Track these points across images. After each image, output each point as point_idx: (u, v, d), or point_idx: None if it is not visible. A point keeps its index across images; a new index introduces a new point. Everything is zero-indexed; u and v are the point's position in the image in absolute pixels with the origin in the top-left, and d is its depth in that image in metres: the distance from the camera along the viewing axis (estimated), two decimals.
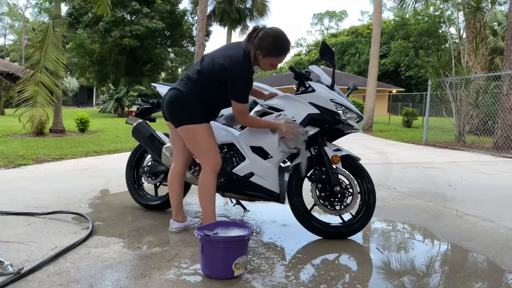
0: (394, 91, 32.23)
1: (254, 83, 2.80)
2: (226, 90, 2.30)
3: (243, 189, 2.64)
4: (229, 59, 2.26)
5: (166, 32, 23.67)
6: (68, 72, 28.72)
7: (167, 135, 2.94)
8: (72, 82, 36.35)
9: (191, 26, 24.92)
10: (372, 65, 14.39)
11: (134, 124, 3.09)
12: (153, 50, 23.98)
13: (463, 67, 10.33)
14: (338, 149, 2.63)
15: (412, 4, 14.01)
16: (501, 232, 2.86)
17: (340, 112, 2.52)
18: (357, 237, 2.65)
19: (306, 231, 2.61)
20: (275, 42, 2.25)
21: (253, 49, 2.25)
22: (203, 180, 2.43)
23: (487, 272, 2.18)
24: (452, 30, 25.88)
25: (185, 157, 2.61)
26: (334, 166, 2.59)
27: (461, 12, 12.50)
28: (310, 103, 2.52)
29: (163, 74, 28.93)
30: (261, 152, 2.58)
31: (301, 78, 2.61)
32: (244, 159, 2.61)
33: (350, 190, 2.62)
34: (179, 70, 29.95)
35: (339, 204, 2.61)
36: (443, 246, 2.63)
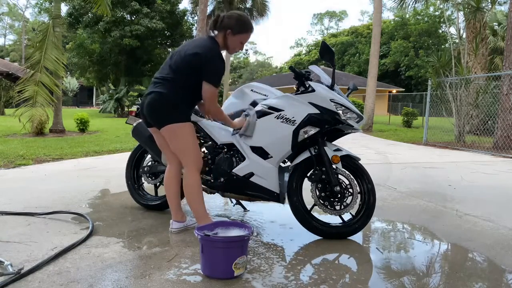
0: (394, 91, 32.21)
1: (255, 83, 2.81)
2: (201, 81, 2.37)
3: (243, 189, 2.64)
4: (201, 47, 2.39)
5: (166, 32, 23.67)
6: (68, 72, 28.72)
7: None
8: (72, 82, 36.37)
9: (191, 26, 24.92)
10: (372, 65, 14.39)
11: (134, 124, 3.09)
12: (153, 50, 23.97)
13: (463, 67, 10.33)
14: (338, 149, 2.63)
15: (412, 4, 14.01)
16: (501, 232, 2.86)
17: (340, 112, 2.53)
18: (357, 237, 2.65)
19: (306, 231, 2.61)
20: (242, 19, 2.47)
21: (221, 31, 2.43)
22: (190, 180, 2.46)
23: (487, 272, 2.18)
24: (452, 30, 25.90)
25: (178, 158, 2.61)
26: (334, 166, 2.59)
27: (461, 12, 12.49)
28: (310, 103, 2.53)
29: None
30: (261, 152, 2.59)
31: (301, 78, 2.61)
32: (244, 159, 2.62)
33: (350, 190, 2.62)
34: None
35: (339, 204, 2.61)
36: (443, 246, 2.63)
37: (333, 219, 2.74)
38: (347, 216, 2.68)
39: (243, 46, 2.54)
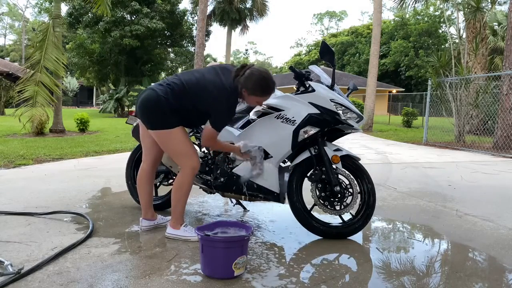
0: (394, 91, 32.23)
1: None
2: (204, 112, 2.32)
3: (243, 189, 2.64)
4: (220, 89, 2.26)
5: (166, 32, 23.68)
6: (68, 72, 28.73)
7: None
8: (72, 82, 36.37)
9: (191, 26, 24.92)
10: (372, 65, 14.39)
11: (134, 124, 3.09)
12: (153, 50, 23.98)
13: (463, 67, 10.32)
14: (338, 149, 2.63)
15: (412, 4, 14.01)
16: (501, 232, 2.86)
17: (340, 112, 2.53)
18: (357, 237, 2.65)
19: (306, 231, 2.61)
20: (260, 82, 2.26)
21: (239, 85, 2.27)
22: (181, 178, 2.41)
23: (487, 272, 2.18)
24: (452, 30, 25.90)
25: (154, 156, 2.61)
26: (334, 166, 2.59)
27: (461, 12, 12.50)
28: (310, 103, 2.53)
29: (163, 74, 28.95)
30: None
31: (301, 78, 2.61)
32: None
33: (350, 190, 2.62)
34: (179, 70, 30.00)
35: (339, 204, 2.62)
36: (443, 246, 2.63)
37: (333, 219, 2.74)
38: (347, 216, 2.68)
39: (261, 103, 2.41)
